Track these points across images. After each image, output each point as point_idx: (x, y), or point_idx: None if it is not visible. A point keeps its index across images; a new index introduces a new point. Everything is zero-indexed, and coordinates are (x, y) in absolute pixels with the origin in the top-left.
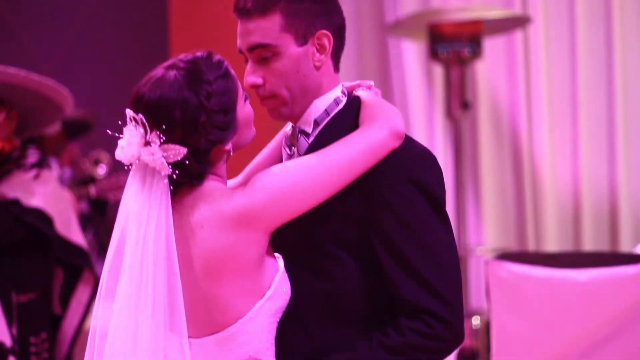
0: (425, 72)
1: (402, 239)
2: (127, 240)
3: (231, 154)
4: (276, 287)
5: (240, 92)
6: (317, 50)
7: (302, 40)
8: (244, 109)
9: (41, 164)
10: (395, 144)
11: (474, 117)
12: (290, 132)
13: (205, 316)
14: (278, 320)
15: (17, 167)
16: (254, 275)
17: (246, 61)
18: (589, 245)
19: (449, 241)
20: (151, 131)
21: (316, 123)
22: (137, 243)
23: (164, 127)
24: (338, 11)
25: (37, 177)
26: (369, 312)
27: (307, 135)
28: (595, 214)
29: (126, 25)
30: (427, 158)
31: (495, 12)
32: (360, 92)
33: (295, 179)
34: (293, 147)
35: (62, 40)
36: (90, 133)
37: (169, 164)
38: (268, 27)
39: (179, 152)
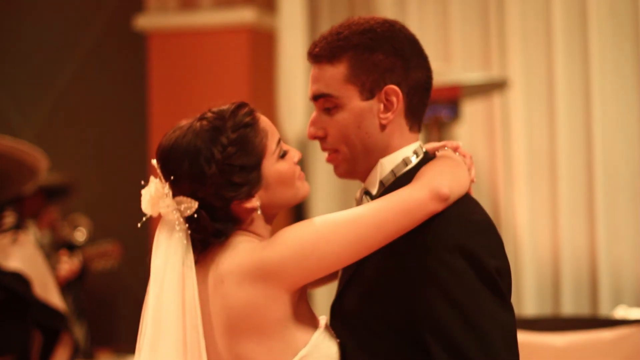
0: None
1: (448, 318)
2: (149, 297)
3: (258, 212)
4: (313, 346)
5: (271, 147)
6: (384, 106)
7: (368, 94)
8: (275, 166)
9: (19, 227)
10: (437, 206)
11: None
12: (358, 195)
13: None
14: None
15: None
16: (281, 334)
17: None
18: (568, 309)
19: (503, 320)
20: (166, 181)
21: (382, 184)
22: (156, 301)
23: (172, 177)
24: (421, 67)
25: (14, 240)
26: None
27: (372, 197)
28: (574, 278)
29: (105, 91)
30: (478, 224)
31: (473, 76)
32: (441, 152)
33: (317, 235)
34: None
35: (42, 106)
36: (68, 197)
37: (185, 218)
38: (332, 77)
39: (190, 205)
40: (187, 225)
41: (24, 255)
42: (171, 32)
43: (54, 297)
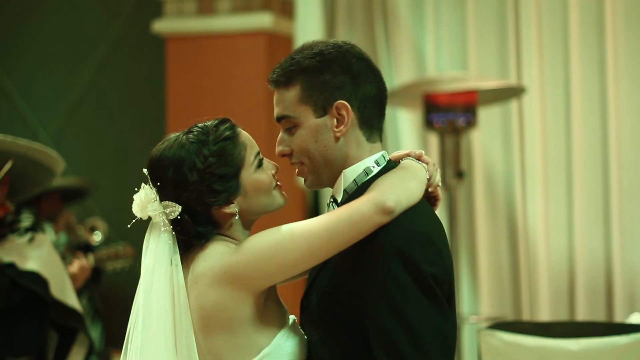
0: (420, 141)
1: (388, 322)
2: (139, 292)
3: (237, 217)
4: (274, 346)
5: (249, 159)
6: (337, 120)
7: (321, 111)
8: (253, 176)
9: (35, 228)
10: (382, 219)
11: (469, 187)
12: (328, 201)
13: None
14: None
15: (11, 232)
16: (247, 333)
17: None
18: (583, 315)
19: (438, 325)
20: (153, 187)
21: (346, 192)
22: (146, 295)
23: (158, 184)
24: (370, 81)
25: (31, 241)
26: None
27: (337, 204)
28: (589, 283)
29: (123, 95)
30: (418, 234)
31: (490, 83)
32: (402, 162)
33: (277, 243)
34: None
35: (60, 109)
36: (85, 200)
37: (170, 220)
38: (288, 99)
39: (174, 209)
40: (172, 227)
41: (41, 256)
42: (189, 37)
43: (70, 298)
